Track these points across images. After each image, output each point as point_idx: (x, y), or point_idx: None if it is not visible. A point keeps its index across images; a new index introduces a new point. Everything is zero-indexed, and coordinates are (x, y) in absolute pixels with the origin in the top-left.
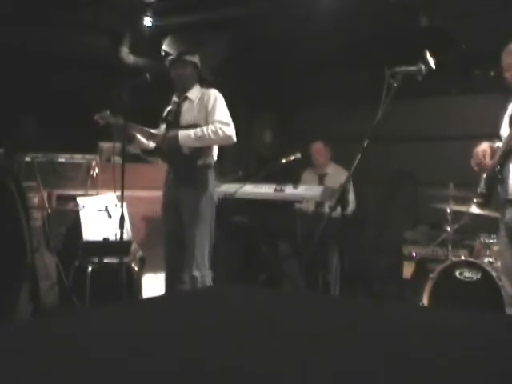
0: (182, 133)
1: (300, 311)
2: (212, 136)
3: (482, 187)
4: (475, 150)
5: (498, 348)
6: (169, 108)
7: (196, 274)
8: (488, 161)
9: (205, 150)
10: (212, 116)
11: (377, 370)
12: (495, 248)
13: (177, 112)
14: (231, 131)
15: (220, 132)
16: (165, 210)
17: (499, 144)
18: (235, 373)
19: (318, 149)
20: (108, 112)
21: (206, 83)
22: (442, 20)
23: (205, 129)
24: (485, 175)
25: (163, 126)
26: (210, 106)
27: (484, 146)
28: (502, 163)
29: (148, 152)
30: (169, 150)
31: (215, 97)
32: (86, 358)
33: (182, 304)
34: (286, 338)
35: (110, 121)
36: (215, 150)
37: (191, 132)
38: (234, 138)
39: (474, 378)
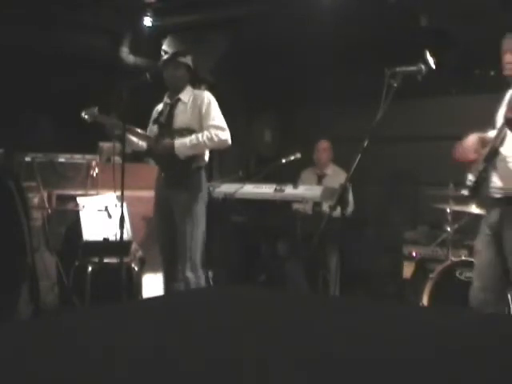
0: (177, 142)
1: (300, 311)
2: (207, 142)
3: (469, 180)
4: (464, 141)
5: (497, 348)
6: (160, 109)
7: (189, 274)
8: (473, 154)
9: (198, 154)
10: (206, 121)
11: (377, 370)
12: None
13: (169, 114)
14: (226, 135)
15: (215, 138)
16: (157, 211)
17: (492, 133)
18: (235, 373)
19: (325, 147)
20: (96, 109)
21: (203, 84)
22: (441, 20)
23: (200, 136)
24: (473, 168)
25: (154, 128)
26: (203, 110)
27: (472, 140)
28: (489, 160)
29: (142, 153)
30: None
31: (209, 100)
32: (86, 358)
33: (182, 304)
34: (286, 338)
35: (98, 119)
36: (207, 152)
37: (187, 140)
38: (229, 142)
39: (474, 378)
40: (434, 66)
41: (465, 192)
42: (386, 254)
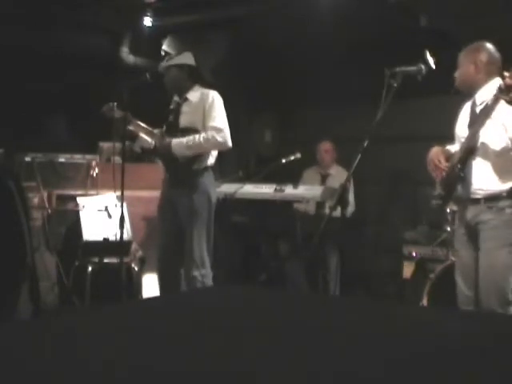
0: (174, 142)
1: (300, 311)
2: (204, 144)
3: (439, 189)
4: (428, 156)
5: (497, 347)
6: (171, 107)
7: (196, 273)
8: (444, 164)
9: (200, 154)
10: (207, 121)
11: (377, 370)
12: None
13: (176, 113)
14: (224, 138)
15: (212, 139)
16: (161, 210)
17: (450, 147)
18: (235, 373)
19: (327, 148)
20: (115, 104)
21: (206, 83)
22: (441, 20)
23: (197, 137)
24: (440, 178)
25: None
26: (206, 109)
27: (436, 151)
28: (464, 162)
29: (148, 151)
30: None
31: (213, 99)
32: (86, 358)
33: (182, 304)
34: (286, 338)
35: (116, 114)
36: (214, 153)
37: (184, 141)
38: (229, 144)
39: (473, 378)
40: (434, 66)
41: (436, 202)
42: (385, 253)
